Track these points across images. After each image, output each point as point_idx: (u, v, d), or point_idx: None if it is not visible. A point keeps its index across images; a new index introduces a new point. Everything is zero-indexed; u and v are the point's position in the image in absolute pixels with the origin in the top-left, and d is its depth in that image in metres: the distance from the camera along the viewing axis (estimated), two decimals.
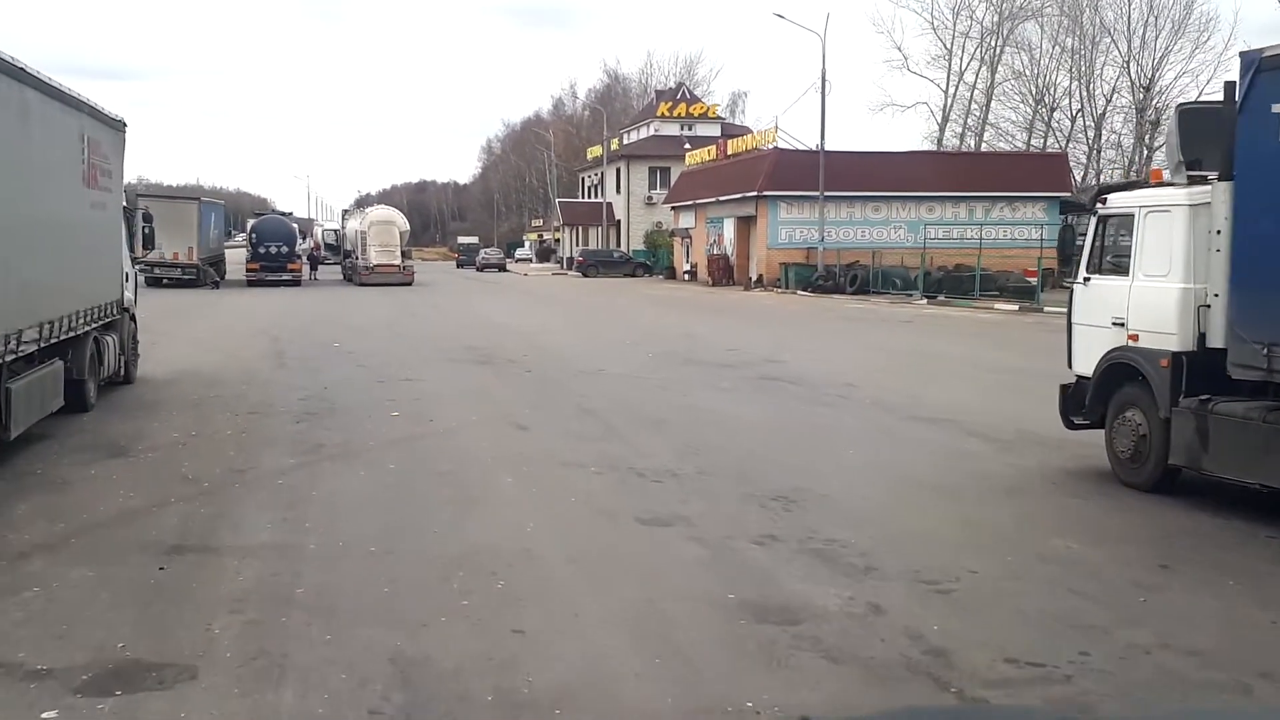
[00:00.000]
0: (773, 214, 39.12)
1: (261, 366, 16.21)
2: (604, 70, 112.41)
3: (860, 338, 22.44)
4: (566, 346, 19.50)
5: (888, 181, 39.16)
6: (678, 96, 64.45)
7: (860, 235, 39.32)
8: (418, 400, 12.85)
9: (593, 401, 12.89)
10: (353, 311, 28.59)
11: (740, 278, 41.82)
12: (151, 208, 40.34)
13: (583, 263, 53.66)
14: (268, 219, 44.29)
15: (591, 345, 19.96)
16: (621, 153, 61.89)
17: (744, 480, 8.70)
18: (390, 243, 43.32)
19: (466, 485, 8.49)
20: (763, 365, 16.74)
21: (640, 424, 11.36)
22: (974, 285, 32.05)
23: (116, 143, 13.03)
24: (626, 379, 15.15)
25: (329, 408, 12.20)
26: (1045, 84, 51.05)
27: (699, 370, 16.15)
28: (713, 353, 18.57)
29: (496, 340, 20.53)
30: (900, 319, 27.04)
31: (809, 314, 28.82)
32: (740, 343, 20.31)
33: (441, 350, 18.75)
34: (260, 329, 22.60)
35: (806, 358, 17.94)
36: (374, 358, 17.29)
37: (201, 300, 32.51)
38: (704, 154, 47.88)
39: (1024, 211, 40.08)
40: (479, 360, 17.19)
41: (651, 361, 17.30)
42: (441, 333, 22.33)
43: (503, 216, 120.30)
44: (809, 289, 36.17)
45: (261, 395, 13.18)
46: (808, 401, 13.18)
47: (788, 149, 39.91)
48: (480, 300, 34.53)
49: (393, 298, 34.56)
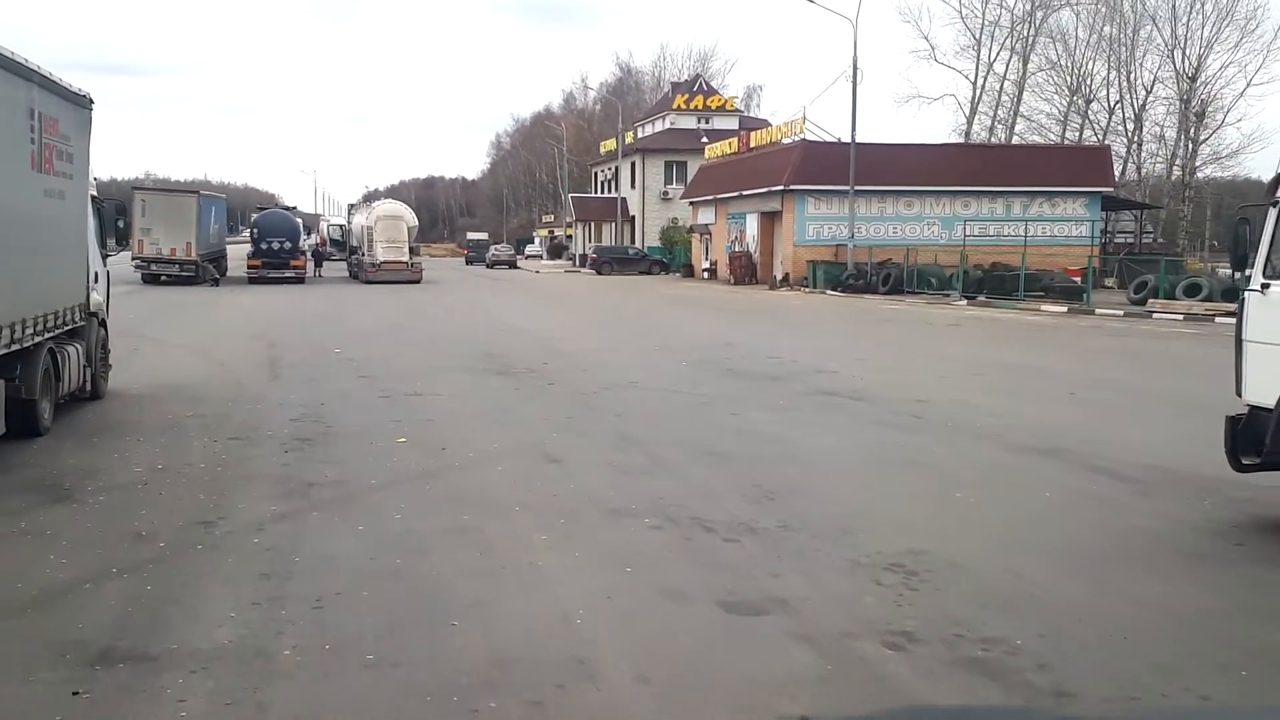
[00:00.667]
0: (800, 209, 37.19)
1: (253, 378, 14.42)
2: (616, 63, 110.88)
3: (909, 343, 20.59)
4: (590, 353, 17.71)
5: (920, 175, 37.21)
6: (694, 89, 62.48)
7: (891, 232, 37.40)
8: (428, 421, 11.06)
9: (630, 423, 11.09)
10: (357, 312, 26.83)
11: (764, 276, 39.93)
12: (149, 202, 38.83)
13: (597, 260, 51.82)
14: (270, 213, 42.50)
15: (617, 352, 18.15)
16: (636, 146, 59.98)
17: (842, 539, 6.89)
18: (398, 239, 41.53)
19: (492, 547, 6.68)
20: (813, 377, 14.92)
21: (694, 454, 9.54)
22: (1017, 285, 30.13)
23: (80, 122, 11.22)
24: (663, 393, 13.34)
25: (325, 431, 10.41)
26: (1081, 74, 49.01)
27: (744, 383, 14.33)
28: (753, 361, 16.75)
29: (512, 345, 18.75)
30: (944, 322, 25.18)
31: (844, 316, 26.97)
32: (780, 349, 18.49)
33: (453, 357, 16.97)
34: (257, 332, 20.83)
35: (859, 367, 16.11)
36: (379, 366, 15.51)
37: (198, 299, 30.76)
38: (725, 147, 45.92)
39: (1064, 207, 38.13)
40: (495, 369, 15.40)
41: (687, 371, 15.49)
42: (453, 336, 20.55)
43: (511, 212, 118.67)
44: (839, 288, 34.28)
45: (249, 414, 11.38)
46: (881, 424, 11.34)
47: (816, 141, 37.99)
48: (492, 300, 32.74)
49: (400, 297, 32.80)
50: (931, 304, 30.49)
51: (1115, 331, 23.23)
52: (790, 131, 38.73)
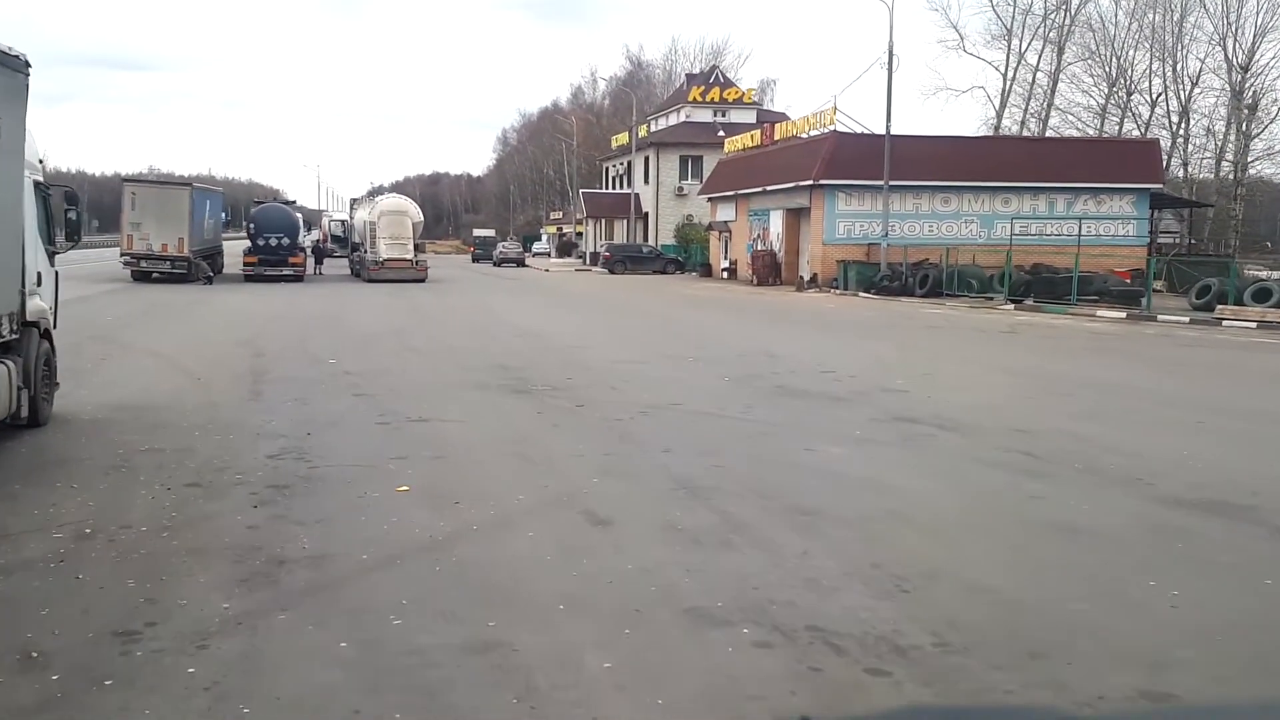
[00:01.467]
0: (830, 205, 35.02)
1: (231, 396, 12.35)
2: (626, 56, 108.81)
3: (971, 355, 18.50)
4: (616, 366, 15.64)
5: (958, 170, 35.04)
6: (710, 80, 60.27)
7: (927, 230, 35.22)
8: (436, 459, 9.01)
9: (684, 462, 9.01)
10: (358, 314, 24.78)
11: (789, 276, 37.78)
12: (139, 195, 36.70)
13: (610, 258, 49.67)
14: (268, 208, 40.39)
15: (647, 364, 16.08)
16: (650, 140, 57.80)
17: (1029, 664, 4.81)
18: (402, 235, 39.46)
19: (532, 685, 4.60)
20: (881, 398, 12.84)
21: (777, 511, 7.47)
22: (1066, 288, 27.99)
23: (11, 89, 9.14)
24: (713, 420, 11.27)
25: (308, 475, 8.36)
26: (1122, 64, 46.70)
27: (803, 406, 12.25)
28: (805, 376, 14.67)
29: (529, 355, 16.70)
30: (996, 329, 23.07)
31: (885, 322, 24.85)
32: (830, 361, 16.42)
33: (463, 369, 14.91)
34: (244, 338, 18.78)
35: (928, 384, 14.01)
36: (378, 382, 13.46)
37: (187, 299, 28.71)
38: (746, 140, 43.76)
39: (1110, 205, 35.94)
40: (512, 386, 13.34)
41: (733, 390, 13.42)
42: (461, 344, 18.48)
43: (518, 209, 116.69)
44: (872, 290, 32.15)
45: (217, 449, 9.31)
46: (990, 464, 9.25)
47: (847, 132, 35.82)
48: (502, 301, 30.68)
49: (404, 297, 30.75)
50: (975, 308, 28.37)
51: (1189, 341, 21.10)
52: (819, 123, 36.56)
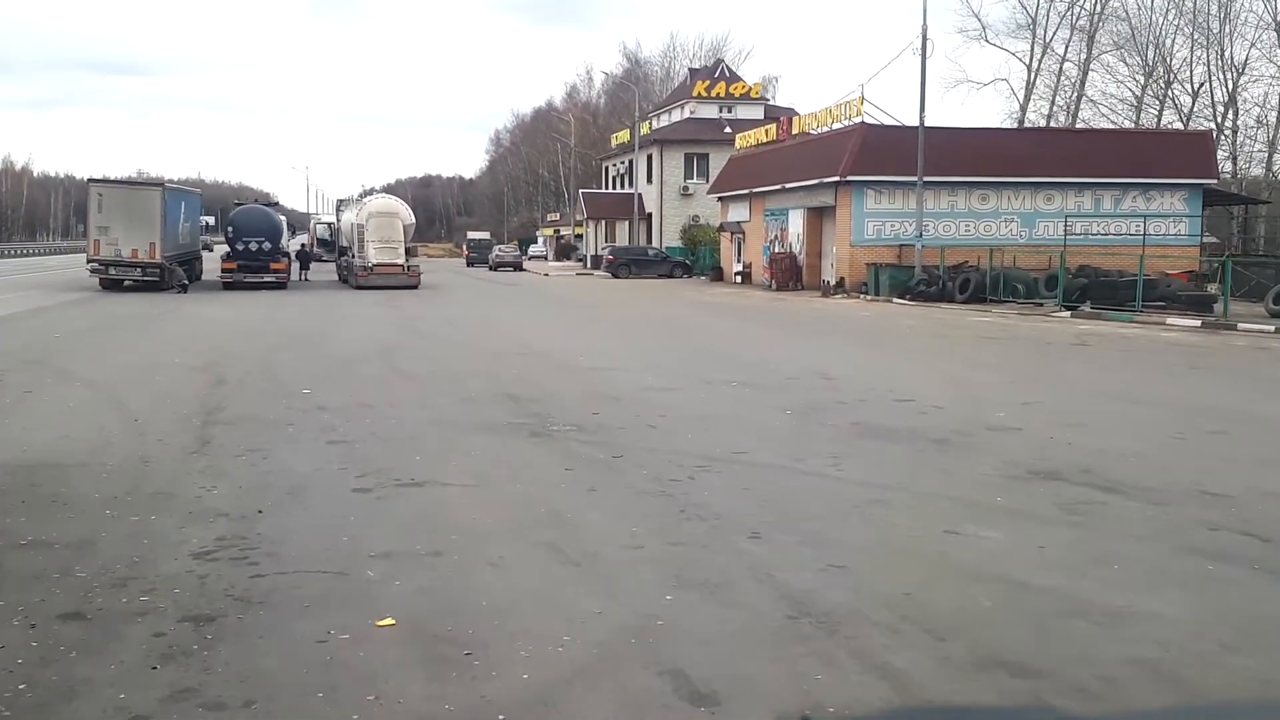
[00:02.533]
0: (858, 203, 32.30)
1: (170, 446, 9.61)
2: (623, 53, 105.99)
3: (1057, 374, 15.80)
4: (649, 394, 12.97)
5: (996, 164, 32.36)
6: (715, 75, 57.55)
7: (964, 230, 32.56)
8: (434, 559, 6.32)
9: (789, 559, 6.33)
10: (341, 328, 22.04)
11: (811, 281, 35.08)
12: (106, 197, 33.76)
13: (613, 261, 46.92)
14: (248, 210, 37.54)
15: (684, 391, 13.38)
16: (653, 137, 55.06)
17: None
18: (393, 238, 36.71)
19: None
20: (991, 439, 10.18)
21: (968, 668, 4.78)
22: (1129, 292, 25.32)
23: None
24: (798, 478, 8.59)
25: (246, 595, 5.66)
26: (1160, 52, 44.02)
27: (901, 453, 9.57)
28: (880, 407, 12.01)
29: (542, 380, 14.00)
30: (1063, 340, 20.40)
31: (934, 332, 22.17)
32: (899, 384, 13.75)
33: (465, 402, 12.22)
34: (207, 360, 16.04)
35: (1039, 420, 11.32)
36: (360, 422, 10.76)
37: (155, 310, 25.94)
38: (760, 135, 41.05)
39: (1160, 202, 33.25)
40: (527, 426, 10.64)
41: (802, 429, 10.75)
42: (461, 366, 15.73)
43: (512, 211, 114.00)
44: (908, 296, 29.47)
45: (128, 541, 6.60)
46: (1214, 557, 6.55)
47: (876, 125, 33.14)
48: (503, 310, 27.95)
49: (395, 306, 28.02)
50: (1026, 315, 25.71)
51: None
52: (843, 115, 33.83)
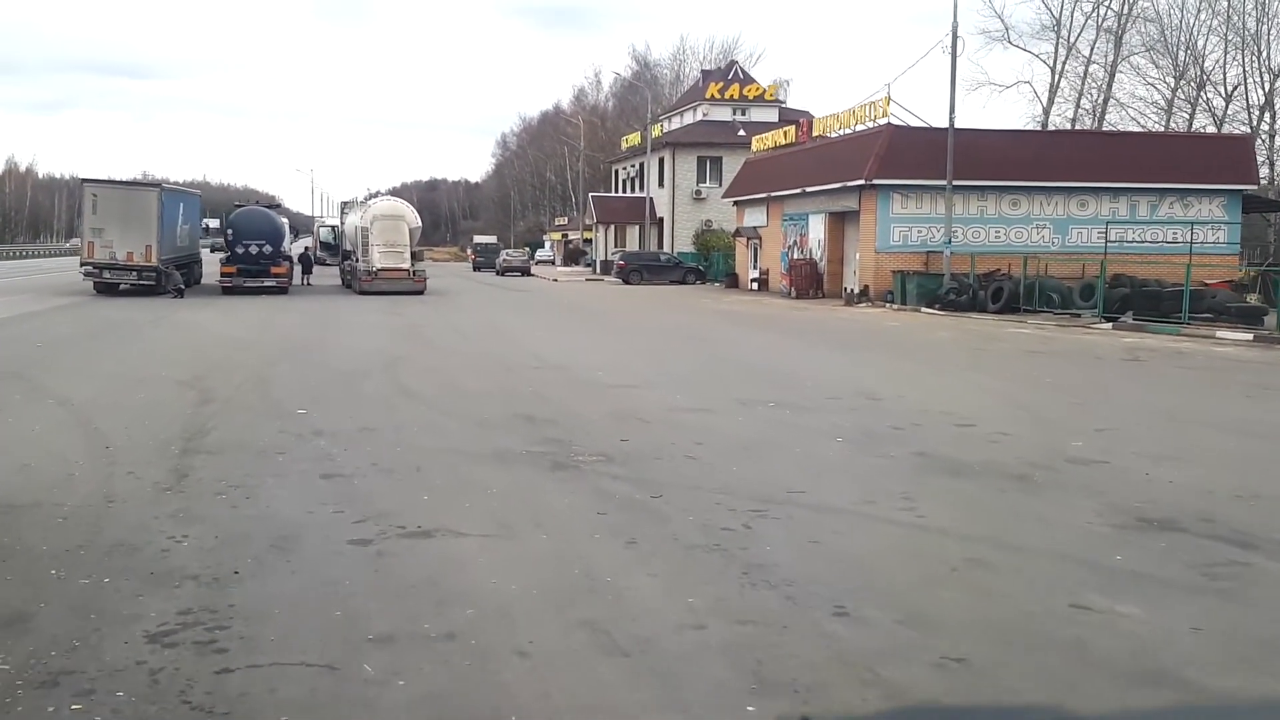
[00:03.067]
0: (883, 208, 30.94)
1: (141, 480, 8.29)
2: (632, 56, 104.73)
3: (1122, 394, 14.43)
4: (680, 415, 11.68)
5: (1027, 168, 30.98)
6: (729, 76, 56.24)
7: (994, 236, 31.21)
8: (447, 645, 4.99)
9: (888, 645, 5.00)
10: (343, 337, 20.73)
11: (832, 288, 33.70)
12: (101, 197, 32.43)
13: (624, 267, 45.62)
14: (247, 211, 36.24)
15: (720, 413, 12.05)
16: (665, 140, 53.74)
17: None
18: (398, 242, 35.41)
19: None
20: (1079, 475, 8.85)
21: None
22: (1174, 303, 23.94)
23: None
24: (870, 524, 7.27)
25: (210, 699, 4.32)
26: (1191, 54, 42.65)
27: (983, 494, 8.23)
28: (940, 434, 10.69)
29: (561, 398, 12.69)
30: (1113, 355, 19.04)
31: (972, 345, 20.82)
32: (954, 405, 12.41)
33: (477, 425, 10.91)
34: (196, 373, 14.74)
35: (1125, 451, 9.97)
36: (361, 450, 9.45)
37: (148, 316, 24.66)
38: (778, 137, 39.75)
39: (1197, 208, 31.88)
40: (549, 456, 9.33)
41: (862, 461, 9.43)
42: (472, 383, 14.40)
43: (518, 215, 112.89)
44: (937, 305, 28.12)
45: (72, 615, 5.29)
46: None
47: (903, 126, 31.80)
48: (514, 318, 26.62)
49: (400, 314, 26.73)
50: (1065, 327, 24.35)
51: None
52: (867, 116, 32.48)
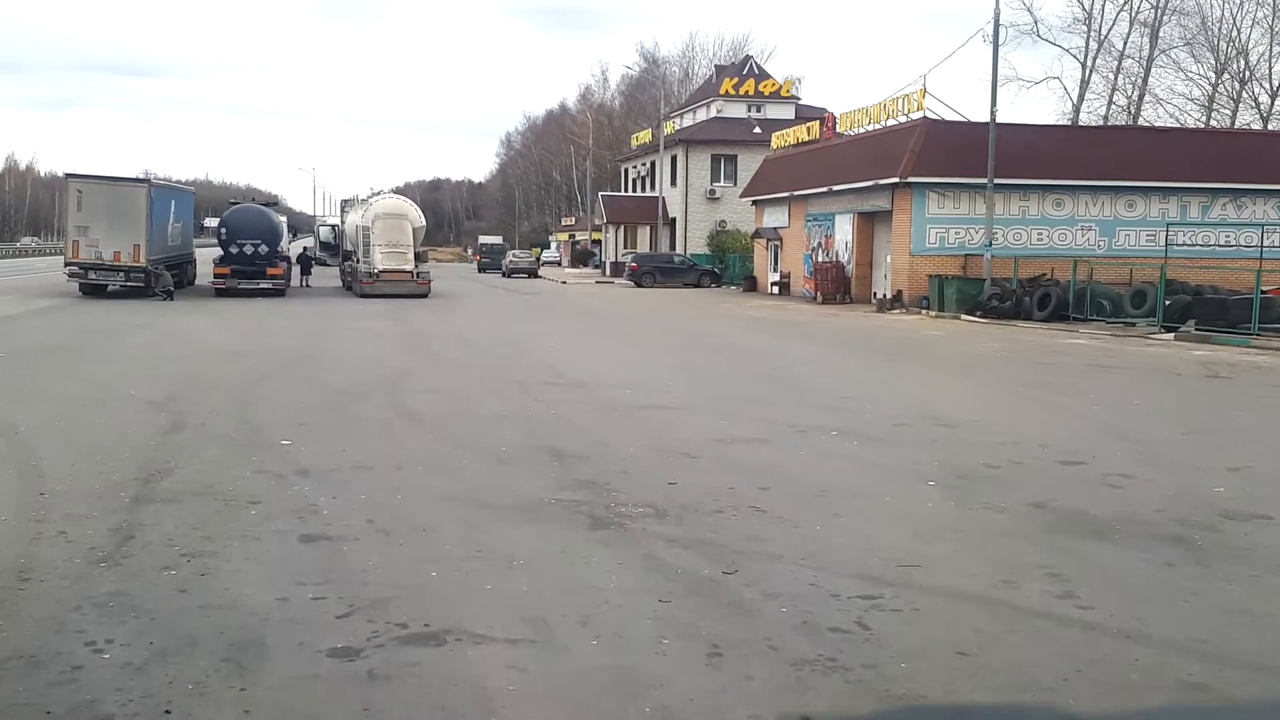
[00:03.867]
0: (919, 208, 29.07)
1: (71, 547, 6.45)
2: (640, 54, 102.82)
3: (1227, 421, 12.57)
4: (733, 449, 9.89)
5: (1072, 166, 29.11)
6: (744, 72, 54.37)
7: (1036, 238, 29.38)
8: None
9: None
10: (341, 347, 18.88)
11: (860, 293, 31.87)
12: (86, 194, 30.43)
13: (637, 269, 43.79)
14: (242, 209, 34.37)
15: (776, 444, 10.24)
16: (678, 137, 51.89)
17: None
18: (401, 242, 33.60)
19: None
20: (1245, 535, 7.11)
21: None
22: (1242, 312, 22.08)
23: None
24: (1023, 620, 5.45)
25: None
26: (1234, 48, 40.83)
27: (1143, 566, 6.43)
28: (1048, 476, 8.89)
29: (591, 427, 10.88)
30: (1191, 371, 17.18)
31: (1030, 359, 18.96)
32: (1049, 437, 10.59)
33: (495, 462, 9.11)
34: (170, 391, 12.91)
35: (1276, 495, 8.18)
36: (352, 498, 7.66)
37: (132, 321, 22.85)
38: (800, 133, 37.88)
39: (1251, 209, 30.03)
40: (585, 508, 7.53)
41: (966, 515, 7.63)
42: (486, 405, 12.52)
43: (523, 215, 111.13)
44: (979, 312, 26.28)
45: None
46: None
47: (940, 120, 29.94)
48: (525, 324, 24.77)
49: (403, 319, 24.91)
50: (1121, 337, 22.49)
51: None
52: (900, 110, 30.57)
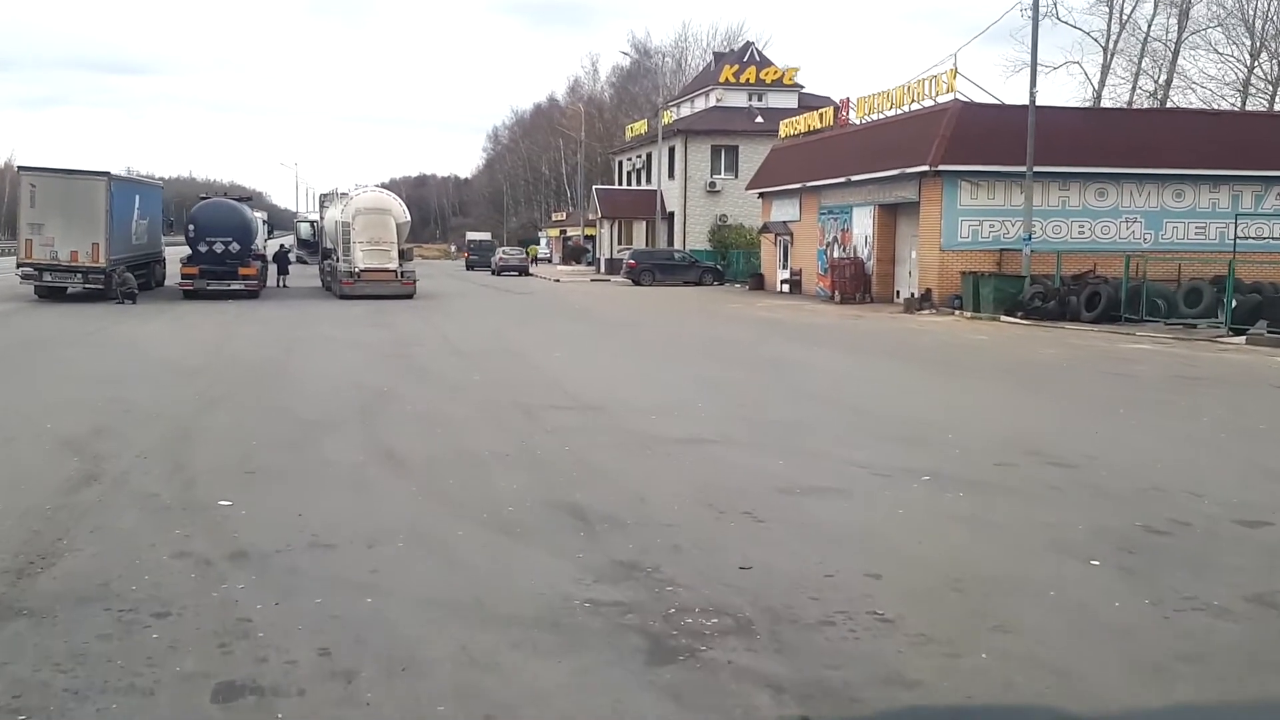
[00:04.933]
0: (950, 198, 26.72)
1: None
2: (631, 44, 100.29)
3: None
4: (803, 503, 7.60)
5: (1115, 153, 26.84)
6: (744, 59, 51.94)
7: (1077, 231, 27.09)
8: None
9: None
10: (313, 360, 16.41)
11: (882, 291, 29.57)
12: (40, 188, 27.50)
13: (635, 266, 41.39)
14: (211, 204, 31.73)
15: (856, 495, 7.92)
16: (676, 127, 49.47)
17: None
18: (384, 239, 31.11)
19: None
20: None
21: None
22: None
23: None
24: None
25: None
26: (1272, 27, 38.70)
27: None
28: (1242, 549, 6.61)
29: (615, 471, 8.54)
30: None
31: (1101, 369, 16.63)
32: (1185, 479, 8.30)
33: (498, 532, 6.73)
34: (95, 424, 10.47)
35: None
36: (303, 604, 5.26)
37: (77, 330, 20.37)
38: (811, 120, 35.44)
39: None
40: (630, 618, 5.17)
41: (1166, 614, 5.32)
42: (482, 439, 10.04)
43: (511, 211, 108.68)
44: (1019, 313, 23.98)
45: None
46: None
47: (973, 103, 27.59)
48: (521, 331, 22.31)
49: (386, 324, 22.47)
50: (1185, 341, 20.21)
51: None
52: (926, 93, 28.15)
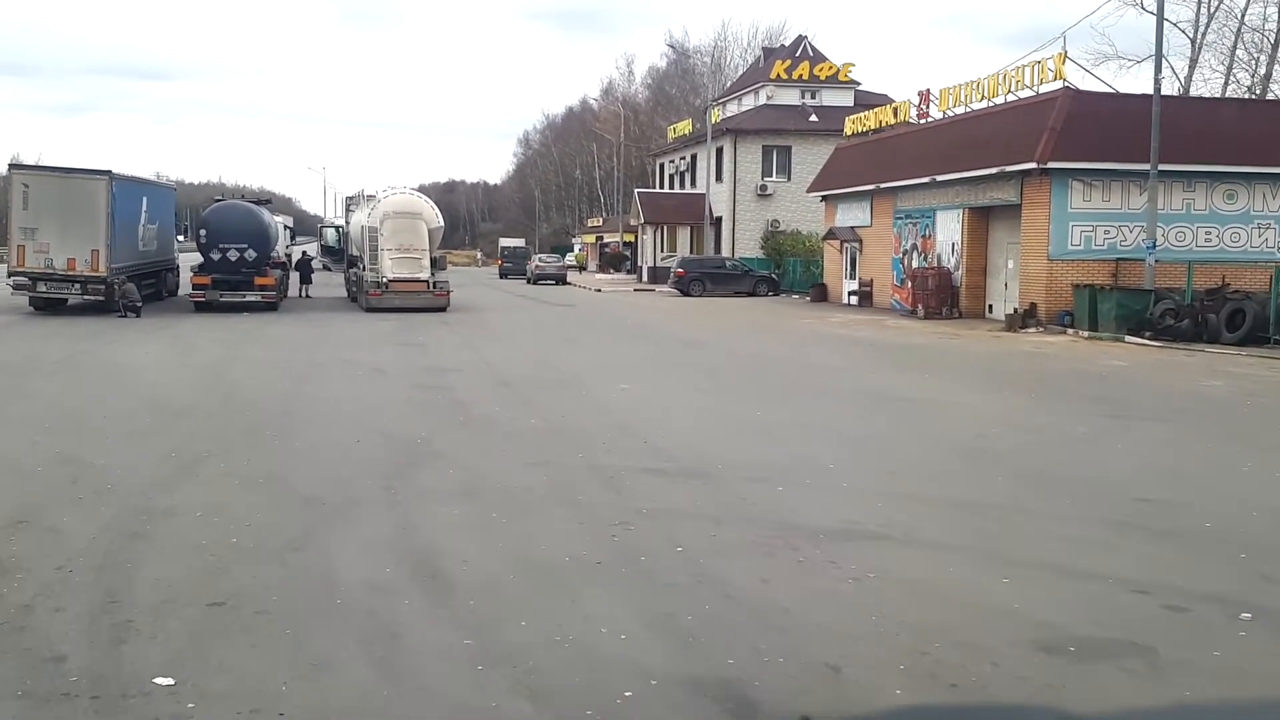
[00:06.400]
0: (1059, 200, 23.43)
1: None
2: (669, 42, 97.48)
3: None
4: (1081, 673, 4.47)
5: (1245, 149, 23.55)
6: (797, 54, 48.78)
7: (1203, 238, 23.83)
8: None
9: None
10: (327, 396, 13.44)
11: (971, 306, 26.38)
12: (34, 189, 24.29)
13: (683, 275, 38.29)
14: (225, 207, 28.89)
15: (1166, 659, 4.84)
16: (725, 127, 46.39)
17: None
18: (415, 245, 28.21)
19: None
20: None
21: None
22: None
23: None
24: None
25: None
26: None
27: None
28: None
29: (767, 603, 5.48)
30: None
31: (1277, 407, 13.47)
32: None
33: None
34: (15, 508, 7.58)
35: None
36: None
37: (59, 352, 17.61)
38: (883, 115, 32.25)
39: None
40: None
41: None
42: (557, 533, 7.07)
43: (542, 216, 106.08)
44: (1146, 333, 20.76)
45: None
46: None
47: (1085, 91, 24.34)
48: (574, 354, 19.29)
49: (418, 343, 19.58)
50: None
51: None
52: (1027, 81, 24.82)
